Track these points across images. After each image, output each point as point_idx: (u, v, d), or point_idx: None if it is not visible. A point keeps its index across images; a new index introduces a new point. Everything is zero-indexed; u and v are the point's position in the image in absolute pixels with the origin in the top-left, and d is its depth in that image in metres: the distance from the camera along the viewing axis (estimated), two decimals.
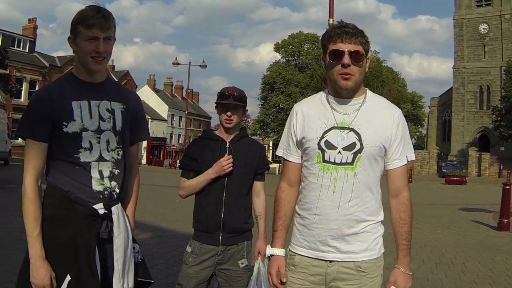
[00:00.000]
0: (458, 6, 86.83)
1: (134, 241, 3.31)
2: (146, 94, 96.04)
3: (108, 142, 3.12)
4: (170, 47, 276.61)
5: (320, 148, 3.03)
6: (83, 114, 3.03)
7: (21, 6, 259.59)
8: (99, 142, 3.07)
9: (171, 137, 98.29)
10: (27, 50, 65.18)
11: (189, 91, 73.85)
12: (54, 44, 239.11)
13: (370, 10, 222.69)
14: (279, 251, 3.27)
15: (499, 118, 71.04)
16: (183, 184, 4.39)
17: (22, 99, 59.46)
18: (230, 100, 4.27)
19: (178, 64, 54.16)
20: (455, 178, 51.86)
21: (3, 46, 50.43)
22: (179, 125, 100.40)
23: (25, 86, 61.26)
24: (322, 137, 3.04)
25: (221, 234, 4.17)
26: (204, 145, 4.42)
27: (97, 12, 3.01)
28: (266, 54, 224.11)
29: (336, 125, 3.04)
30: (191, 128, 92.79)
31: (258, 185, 4.51)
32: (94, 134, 3.05)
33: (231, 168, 4.21)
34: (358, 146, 2.99)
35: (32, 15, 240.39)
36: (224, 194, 4.24)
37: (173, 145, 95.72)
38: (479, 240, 13.23)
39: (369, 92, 3.19)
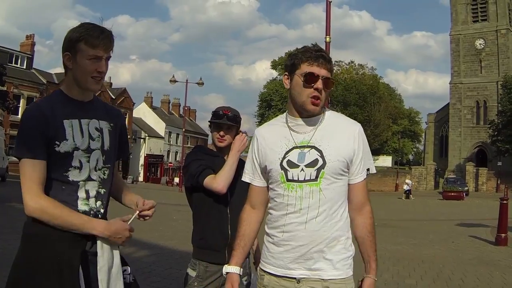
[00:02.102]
0: (455, 21, 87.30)
1: (125, 263, 3.25)
2: (143, 112, 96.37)
3: (97, 161, 3.09)
4: (167, 64, 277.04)
5: (282, 168, 3.04)
6: (75, 133, 2.99)
7: (18, 22, 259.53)
8: (88, 161, 3.04)
9: (168, 154, 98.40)
10: (24, 67, 65.43)
11: (186, 108, 73.93)
12: (51, 60, 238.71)
13: (366, 27, 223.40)
14: (234, 269, 3.28)
15: (496, 133, 71.32)
16: (218, 177, 4.06)
17: (19, 116, 59.25)
18: (224, 120, 4.24)
19: (175, 81, 54.12)
20: (452, 194, 51.89)
21: (1, 63, 50.53)
22: (176, 143, 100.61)
23: (22, 103, 61.40)
24: (284, 157, 3.05)
25: (226, 251, 4.04)
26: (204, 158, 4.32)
27: (102, 32, 2.99)
28: (262, 71, 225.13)
29: (296, 145, 3.06)
30: (188, 145, 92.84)
31: None
32: (84, 153, 3.02)
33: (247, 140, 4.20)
34: (320, 162, 3.00)
35: (29, 31, 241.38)
36: (228, 210, 4.15)
37: (170, 163, 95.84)
38: (477, 256, 13.21)
39: (327, 110, 3.20)
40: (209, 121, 4.38)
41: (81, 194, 3.01)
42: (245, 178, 3.35)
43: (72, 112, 3.02)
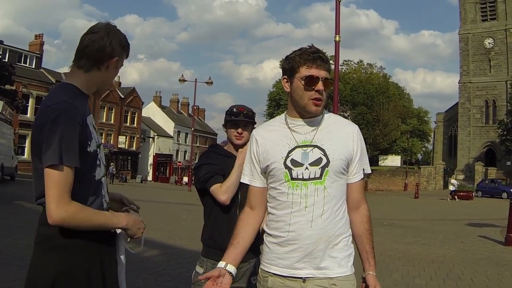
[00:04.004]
0: (463, 20, 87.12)
1: None
2: (152, 111, 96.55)
3: (104, 155, 3.09)
4: (175, 64, 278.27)
5: (286, 167, 3.05)
6: (93, 130, 2.94)
7: (26, 22, 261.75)
8: (101, 156, 3.02)
9: (177, 153, 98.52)
10: (33, 66, 65.66)
11: (195, 107, 73.92)
12: (59, 60, 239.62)
13: (373, 26, 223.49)
14: (220, 264, 3.10)
15: (505, 132, 71.01)
16: (223, 188, 4.12)
17: (28, 115, 59.85)
18: (241, 117, 4.31)
19: (184, 80, 54.08)
20: (461, 194, 51.66)
21: (10, 62, 50.74)
22: (185, 142, 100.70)
23: (31, 102, 61.74)
24: (287, 156, 3.07)
25: None
26: (217, 159, 4.36)
27: None
28: (270, 71, 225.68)
29: (298, 145, 3.09)
30: (197, 144, 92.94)
31: None
32: (99, 149, 2.98)
33: None
34: (324, 161, 3.03)
35: (37, 31, 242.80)
36: (238, 212, 4.06)
37: (179, 162, 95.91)
38: (486, 256, 13.21)
39: (325, 111, 3.25)
40: (226, 120, 4.38)
41: (104, 191, 3.00)
42: (244, 179, 3.36)
43: (87, 108, 2.97)
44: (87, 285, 2.80)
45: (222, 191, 4.08)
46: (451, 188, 52.44)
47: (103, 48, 2.93)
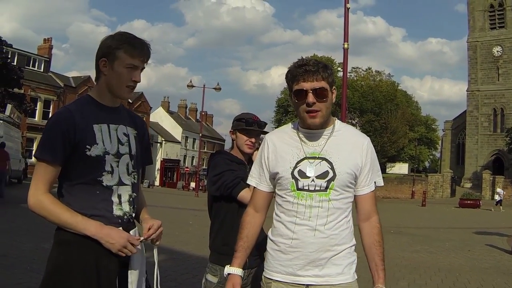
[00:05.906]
0: (472, 29, 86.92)
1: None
2: (160, 116, 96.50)
3: (127, 166, 3.15)
4: (183, 69, 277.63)
5: (293, 177, 3.08)
6: (104, 137, 3.04)
7: (34, 25, 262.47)
8: (118, 166, 3.09)
9: (184, 159, 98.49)
10: (42, 70, 65.55)
11: (203, 113, 73.89)
12: (67, 64, 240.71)
13: (381, 33, 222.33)
14: (236, 270, 3.31)
15: None
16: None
17: (36, 119, 59.92)
18: (255, 127, 4.34)
19: (192, 86, 54.16)
20: (469, 202, 51.44)
21: (19, 66, 50.78)
22: (193, 147, 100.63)
23: (39, 106, 61.71)
24: (295, 167, 3.09)
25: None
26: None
27: (141, 43, 3.12)
28: (277, 77, 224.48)
29: (306, 156, 3.11)
30: (205, 150, 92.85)
31: None
32: (113, 157, 3.06)
33: None
34: (331, 174, 3.05)
35: (44, 34, 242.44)
36: None
37: (187, 167, 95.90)
38: (493, 264, 13.14)
39: (337, 122, 3.26)
40: (239, 128, 4.37)
41: (115, 198, 3.08)
42: (251, 181, 3.39)
43: (101, 117, 3.09)
44: (81, 282, 2.91)
45: None
46: (497, 198, 50.26)
47: (97, 56, 3.12)
